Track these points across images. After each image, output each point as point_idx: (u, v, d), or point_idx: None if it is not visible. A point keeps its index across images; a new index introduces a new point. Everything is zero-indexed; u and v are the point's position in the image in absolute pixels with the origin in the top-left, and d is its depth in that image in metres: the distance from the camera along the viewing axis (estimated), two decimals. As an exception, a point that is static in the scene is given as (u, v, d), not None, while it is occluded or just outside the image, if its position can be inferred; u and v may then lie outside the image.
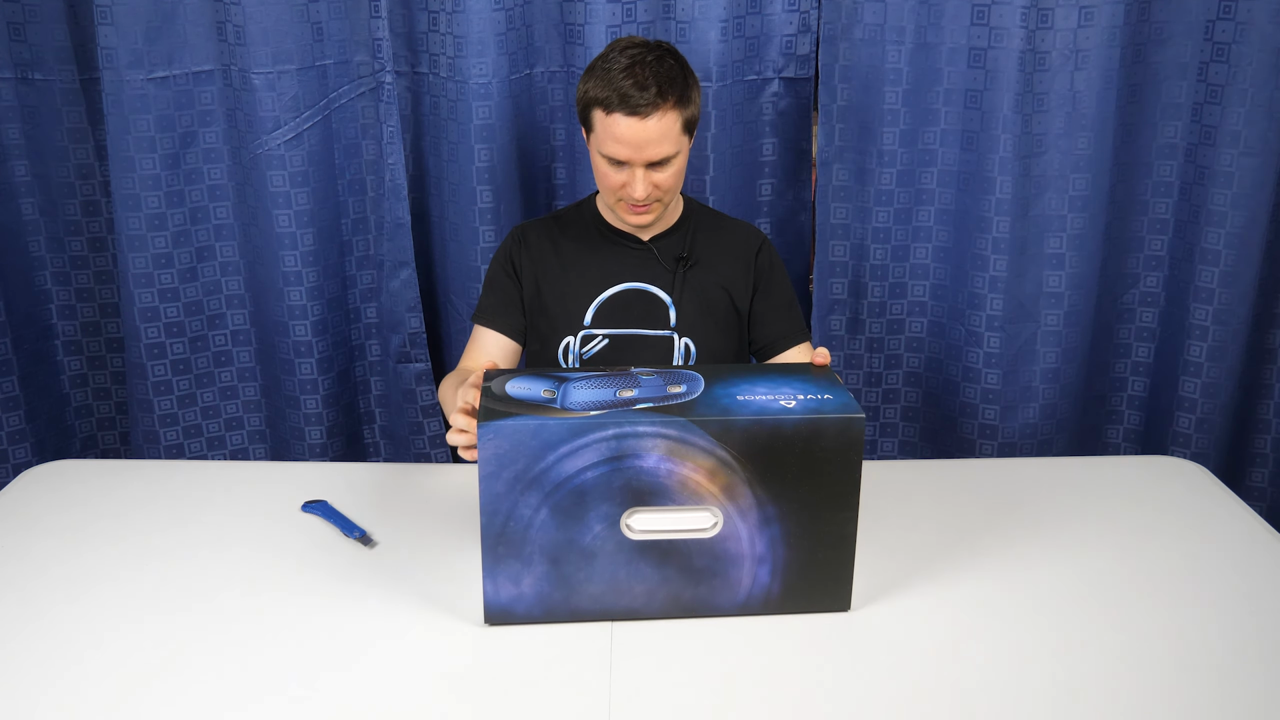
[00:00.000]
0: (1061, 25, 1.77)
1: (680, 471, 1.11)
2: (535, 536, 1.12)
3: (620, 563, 1.14)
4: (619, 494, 1.11)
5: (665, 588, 1.15)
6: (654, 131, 1.41)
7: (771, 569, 1.15)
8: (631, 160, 1.43)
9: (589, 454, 1.10)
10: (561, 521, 1.12)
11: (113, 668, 1.10)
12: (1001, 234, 1.87)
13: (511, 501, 1.11)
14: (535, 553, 1.13)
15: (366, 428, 2.16)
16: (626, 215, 1.50)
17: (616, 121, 1.41)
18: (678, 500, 1.12)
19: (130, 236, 1.92)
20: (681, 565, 1.14)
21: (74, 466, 1.56)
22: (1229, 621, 1.17)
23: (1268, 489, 2.05)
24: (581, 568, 1.14)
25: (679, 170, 1.48)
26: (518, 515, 1.12)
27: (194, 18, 1.84)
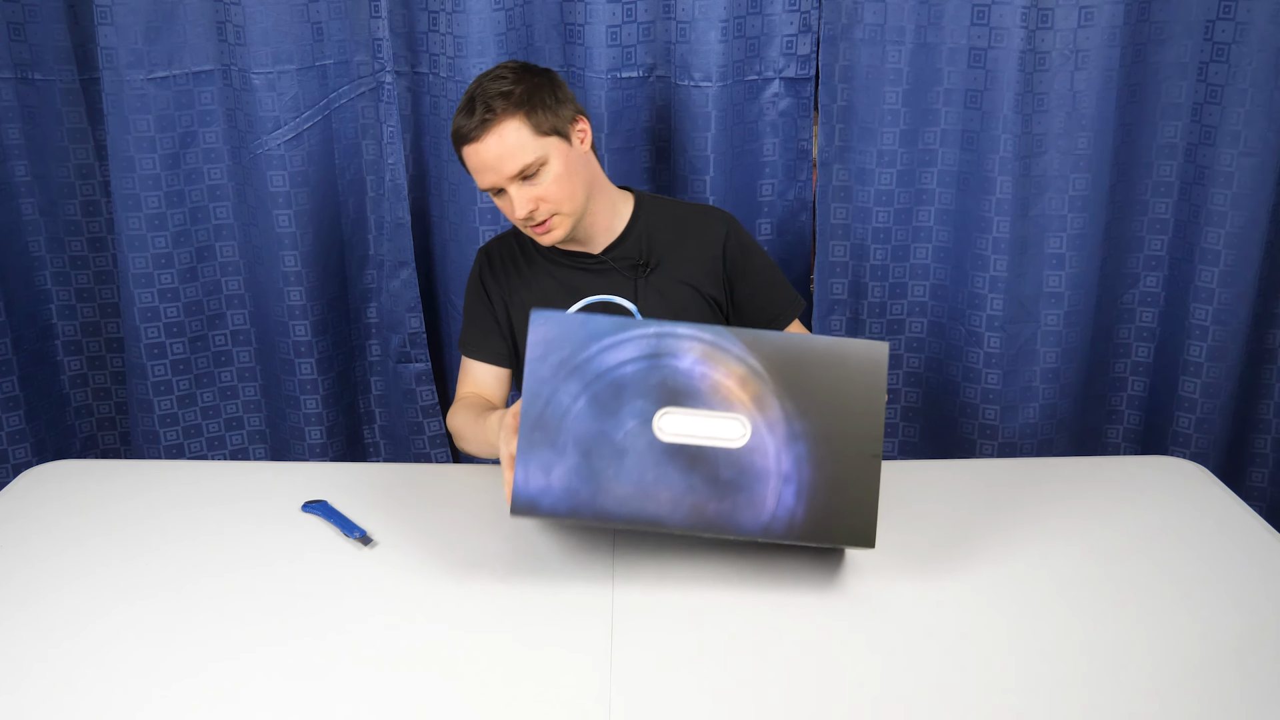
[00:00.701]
0: (1061, 25, 1.77)
1: (713, 375, 1.17)
2: (571, 425, 1.16)
3: (649, 464, 1.16)
4: (654, 391, 1.17)
5: (690, 497, 1.16)
6: (495, 147, 1.38)
7: (797, 490, 1.16)
8: (496, 182, 1.41)
9: (630, 348, 1.17)
10: (597, 413, 1.17)
11: (113, 667, 1.10)
12: (1001, 234, 1.87)
13: (553, 387, 1.17)
14: (569, 443, 1.16)
15: (366, 428, 2.16)
16: (539, 238, 1.47)
17: (467, 155, 1.42)
18: (709, 405, 1.16)
19: (130, 236, 1.92)
20: (708, 475, 1.16)
21: (74, 466, 1.55)
22: (1229, 621, 1.17)
23: (1268, 489, 2.05)
24: (611, 464, 1.16)
25: (560, 178, 1.41)
26: (557, 401, 1.17)
27: (194, 18, 1.84)
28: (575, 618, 1.18)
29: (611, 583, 1.24)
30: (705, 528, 1.16)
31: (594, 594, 1.22)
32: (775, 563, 1.28)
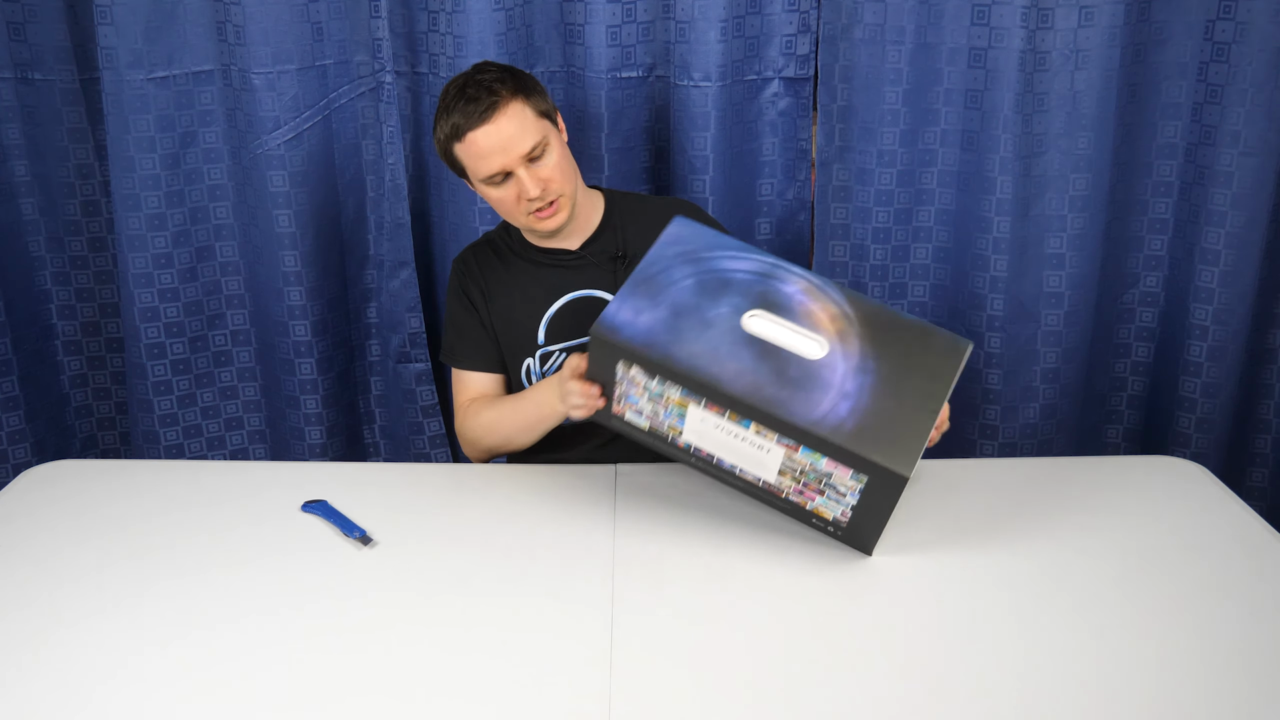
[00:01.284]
0: (1061, 25, 1.77)
1: (810, 305, 1.27)
2: (673, 293, 1.27)
3: (727, 341, 1.23)
4: (754, 296, 1.27)
5: (754, 376, 1.20)
6: (507, 127, 1.41)
7: (852, 407, 1.20)
8: (506, 165, 1.42)
9: (747, 264, 1.30)
10: (699, 293, 1.27)
11: (113, 667, 1.10)
12: (1001, 234, 1.87)
13: (669, 264, 1.29)
14: (665, 302, 1.25)
15: (366, 428, 2.16)
16: (540, 225, 1.48)
17: (472, 141, 1.42)
18: (798, 322, 1.26)
19: (130, 236, 1.92)
20: (777, 368, 1.21)
21: (74, 466, 1.55)
22: (1229, 621, 1.17)
23: (1268, 489, 2.05)
24: (695, 329, 1.23)
25: (561, 160, 1.46)
26: (668, 274, 1.28)
27: (194, 18, 1.84)
28: (575, 617, 1.18)
29: (611, 583, 1.24)
30: (759, 403, 1.19)
31: (594, 594, 1.22)
32: (775, 562, 1.28)
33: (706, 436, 1.25)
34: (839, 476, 1.20)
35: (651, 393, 1.25)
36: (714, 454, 1.27)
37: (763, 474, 1.25)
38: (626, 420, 1.30)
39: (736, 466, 1.26)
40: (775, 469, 1.24)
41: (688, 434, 1.26)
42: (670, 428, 1.27)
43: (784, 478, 1.24)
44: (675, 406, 1.24)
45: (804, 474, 1.22)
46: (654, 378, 1.23)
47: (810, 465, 1.21)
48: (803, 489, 1.24)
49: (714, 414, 1.22)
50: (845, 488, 1.21)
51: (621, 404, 1.29)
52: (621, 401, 1.28)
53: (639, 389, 1.25)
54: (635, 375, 1.24)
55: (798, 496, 1.26)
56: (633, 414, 1.29)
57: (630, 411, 1.29)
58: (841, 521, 1.26)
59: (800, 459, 1.21)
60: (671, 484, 1.46)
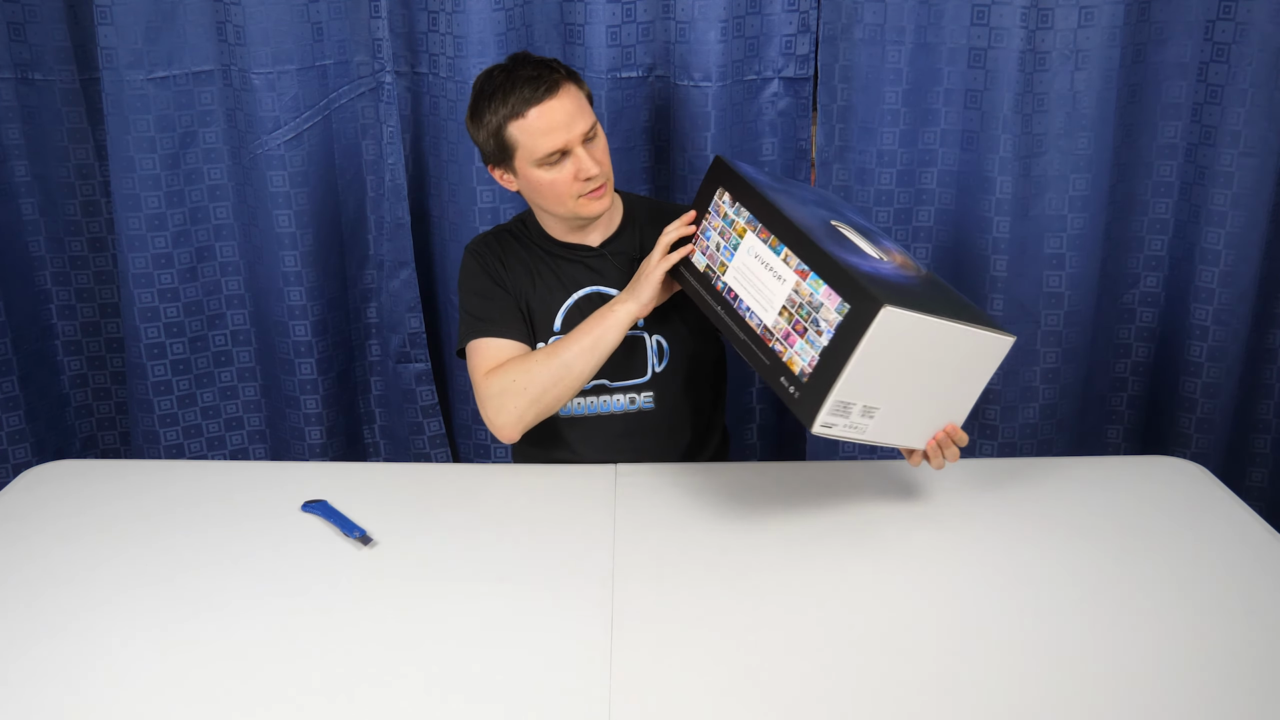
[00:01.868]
0: (1061, 25, 1.77)
1: (891, 248, 1.39)
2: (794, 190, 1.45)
3: (812, 216, 1.35)
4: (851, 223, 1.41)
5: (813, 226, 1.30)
6: (569, 104, 1.44)
7: (874, 269, 1.26)
8: (568, 142, 1.43)
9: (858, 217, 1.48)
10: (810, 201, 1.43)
11: (113, 666, 1.10)
12: (1001, 234, 1.87)
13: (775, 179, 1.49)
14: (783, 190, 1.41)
15: (366, 428, 2.16)
16: (588, 207, 1.48)
17: (533, 118, 1.43)
18: (874, 245, 1.35)
19: (130, 236, 1.92)
20: (837, 241, 1.30)
21: (74, 466, 1.55)
22: (1229, 621, 1.17)
23: (1268, 489, 2.05)
24: (792, 202, 1.36)
25: (605, 147, 1.50)
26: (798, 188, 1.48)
27: (194, 18, 1.84)
28: (575, 617, 1.18)
29: (611, 583, 1.24)
30: (802, 234, 1.26)
31: (594, 594, 1.22)
32: (775, 562, 1.28)
33: (743, 271, 1.33)
34: (827, 308, 1.22)
35: (725, 222, 1.37)
36: (739, 295, 1.33)
37: (765, 317, 1.29)
38: (692, 261, 1.41)
39: (749, 310, 1.31)
40: (778, 306, 1.28)
41: (730, 271, 1.35)
42: (720, 265, 1.37)
43: (781, 317, 1.27)
44: (735, 236, 1.35)
45: (799, 309, 1.25)
46: (735, 204, 1.35)
47: (809, 296, 1.24)
48: (789, 332, 1.26)
49: (761, 241, 1.31)
50: (826, 323, 1.22)
51: (697, 242, 1.41)
52: (698, 240, 1.41)
53: (718, 219, 1.38)
54: (723, 203, 1.37)
55: (782, 344, 1.27)
56: (699, 253, 1.40)
57: (700, 251, 1.40)
58: (805, 374, 1.24)
59: (805, 288, 1.25)
60: (672, 484, 1.46)
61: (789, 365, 1.25)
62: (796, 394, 1.24)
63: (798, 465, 1.67)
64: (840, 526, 1.36)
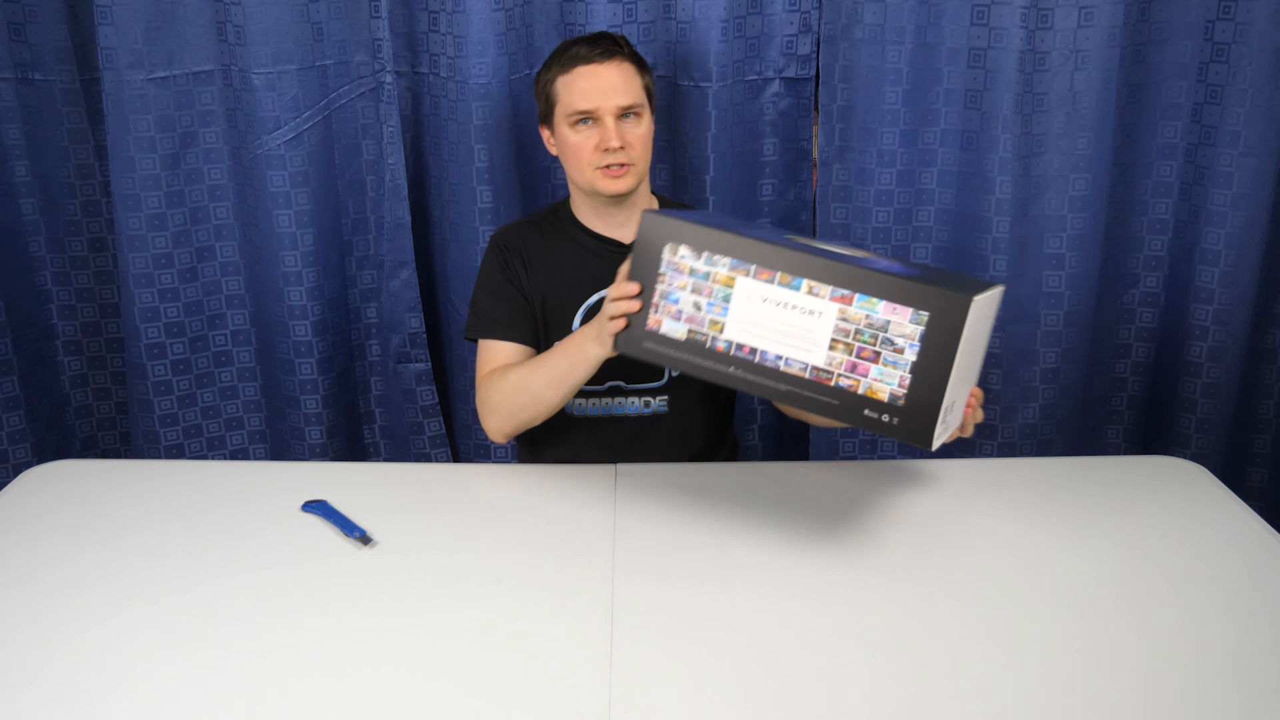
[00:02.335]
0: (1061, 25, 1.77)
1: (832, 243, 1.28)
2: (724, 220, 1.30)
3: (774, 235, 1.25)
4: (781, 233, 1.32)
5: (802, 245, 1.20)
6: (615, 75, 1.46)
7: (903, 267, 1.20)
8: (600, 108, 1.46)
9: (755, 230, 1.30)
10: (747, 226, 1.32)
11: (113, 667, 1.10)
12: (1001, 234, 1.87)
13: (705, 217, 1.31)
14: (715, 220, 1.27)
15: (366, 428, 2.16)
16: (605, 184, 1.49)
17: (578, 75, 1.47)
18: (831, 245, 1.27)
19: (130, 236, 1.92)
20: (825, 251, 1.20)
21: (74, 466, 1.55)
22: (1229, 621, 1.17)
23: (1268, 489, 2.05)
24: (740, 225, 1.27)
25: (647, 134, 1.50)
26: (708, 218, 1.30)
27: (194, 18, 1.84)
28: (575, 617, 1.18)
29: (611, 583, 1.24)
30: (810, 259, 1.16)
31: (594, 594, 1.22)
32: (775, 562, 1.28)
33: (751, 321, 1.18)
34: (896, 324, 1.13)
35: (697, 277, 1.20)
36: (757, 346, 1.19)
37: (810, 357, 1.17)
38: (662, 333, 1.23)
39: (782, 357, 1.18)
40: (826, 341, 1.16)
41: (730, 326, 1.19)
42: (711, 324, 1.20)
43: (835, 351, 1.16)
44: (720, 288, 1.18)
45: (858, 336, 1.15)
46: (701, 255, 1.19)
47: (865, 319, 1.14)
48: (855, 363, 1.16)
49: (763, 282, 1.17)
50: (903, 339, 1.13)
51: (660, 309, 1.22)
52: (660, 307, 1.22)
53: (683, 276, 1.20)
54: (682, 258, 1.20)
55: (849, 377, 1.16)
56: (670, 321, 1.22)
57: (668, 318, 1.22)
58: (898, 399, 1.15)
59: (854, 313, 1.14)
60: (672, 484, 1.46)
61: (872, 395, 1.16)
62: (896, 420, 1.16)
63: (798, 465, 1.67)
64: (840, 526, 1.36)
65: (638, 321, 1.24)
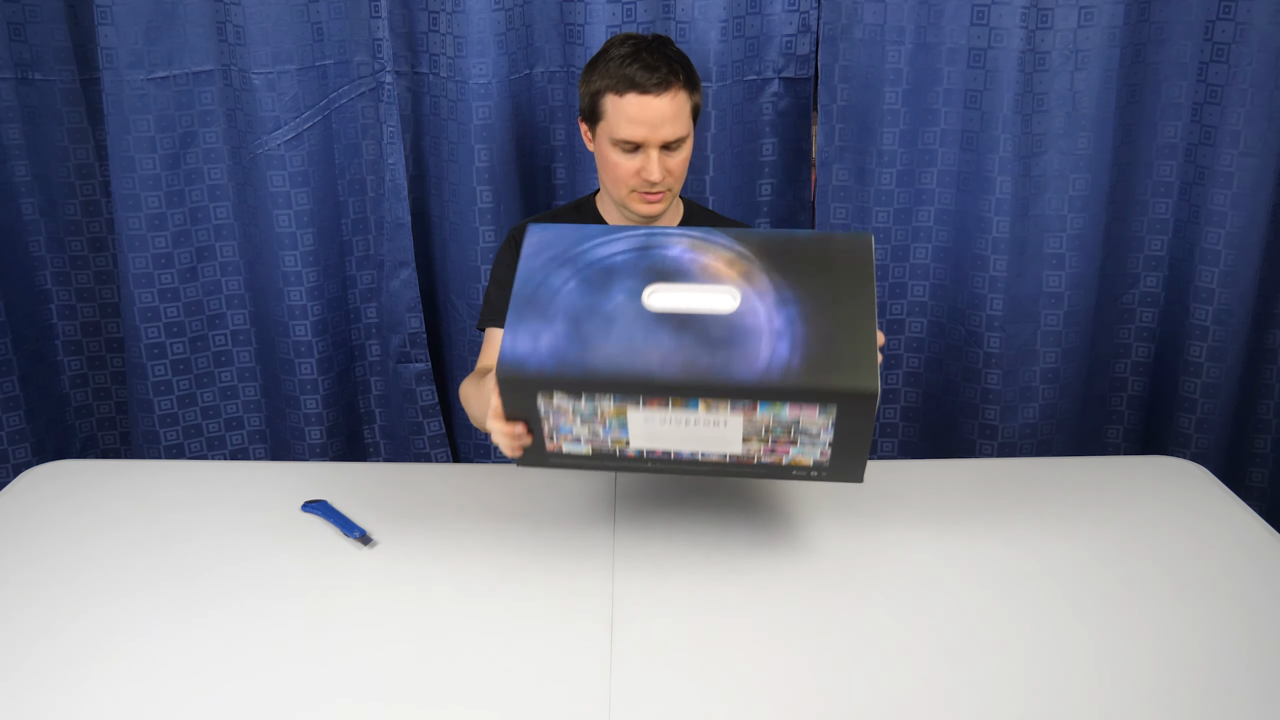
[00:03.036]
0: (1061, 25, 1.77)
1: (702, 259, 1.18)
2: (561, 301, 1.16)
3: (639, 329, 1.14)
4: (643, 273, 1.17)
5: (682, 353, 1.12)
6: (668, 109, 1.43)
7: (791, 343, 1.12)
8: (647, 140, 1.44)
9: (621, 244, 1.20)
10: (587, 291, 1.17)
11: (113, 667, 1.10)
12: (1001, 234, 1.87)
13: (544, 274, 1.18)
14: (558, 314, 1.15)
15: (366, 428, 2.16)
16: (638, 206, 1.49)
17: (630, 102, 1.43)
18: (699, 281, 1.16)
19: (130, 236, 1.92)
20: (699, 334, 1.13)
21: (74, 466, 1.55)
22: (1229, 621, 1.17)
23: (1268, 489, 2.05)
24: (600, 330, 1.14)
25: (687, 158, 1.49)
26: (548, 284, 1.18)
27: (194, 18, 1.84)
28: (575, 617, 1.18)
29: (611, 582, 1.24)
30: (699, 379, 1.10)
31: (594, 593, 1.22)
32: (775, 562, 1.28)
33: (656, 436, 1.15)
34: (807, 418, 1.11)
35: (583, 415, 1.14)
36: (670, 450, 1.17)
37: (727, 449, 1.16)
38: (565, 453, 1.20)
39: (697, 453, 1.17)
40: (739, 439, 1.14)
41: (635, 441, 1.16)
42: (615, 442, 1.17)
43: (750, 443, 1.15)
44: (613, 418, 1.14)
45: (770, 431, 1.13)
46: (580, 398, 1.12)
47: (774, 419, 1.12)
48: (773, 448, 1.15)
49: (657, 409, 1.12)
50: (816, 427, 1.11)
51: (555, 438, 1.18)
52: (554, 436, 1.17)
53: (568, 416, 1.15)
54: (560, 403, 1.14)
55: (770, 457, 1.16)
56: (570, 444, 1.18)
57: (567, 443, 1.18)
58: (823, 463, 1.16)
59: (761, 417, 1.11)
60: (672, 484, 1.46)
61: (797, 463, 1.17)
62: (825, 474, 1.18)
63: (798, 465, 1.67)
64: (841, 526, 1.36)
65: (537, 443, 1.20)
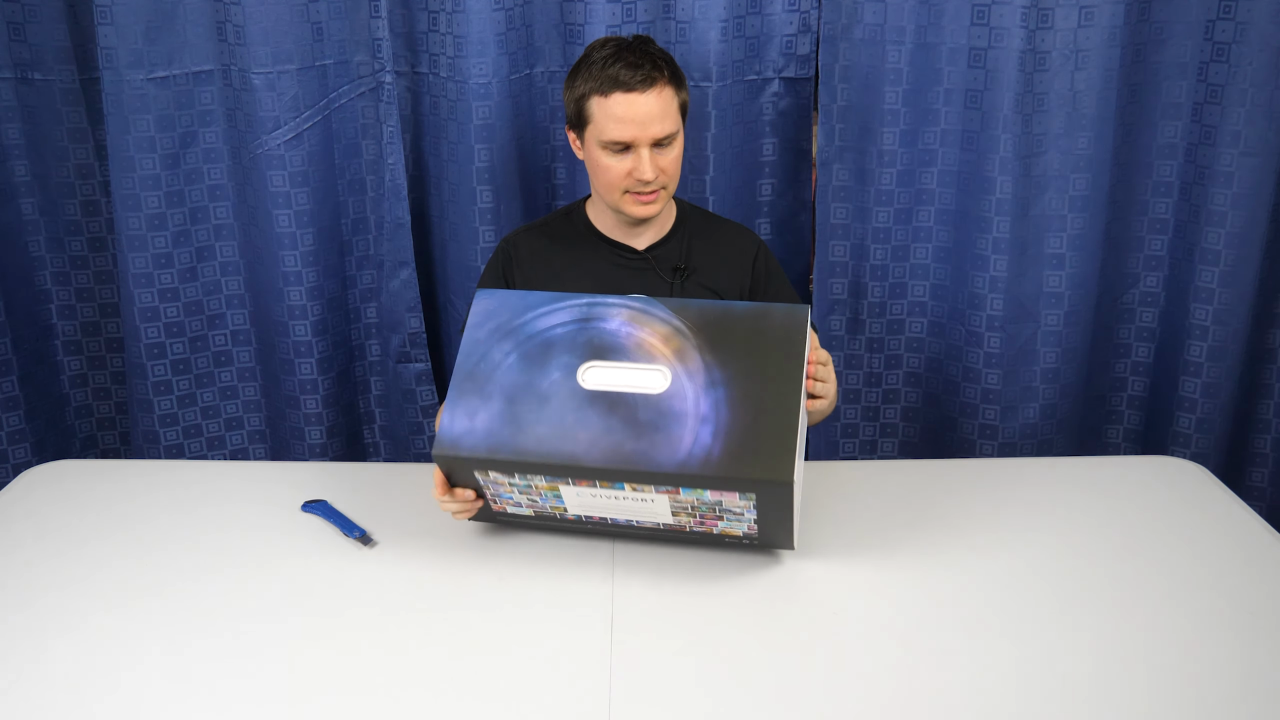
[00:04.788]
0: (1061, 25, 1.77)
1: (638, 334, 1.22)
2: (500, 377, 1.23)
3: (570, 409, 1.19)
4: (581, 348, 1.22)
5: (608, 437, 1.17)
6: (654, 106, 1.42)
7: (714, 430, 1.16)
8: (636, 139, 1.43)
9: (562, 314, 1.25)
10: (526, 366, 1.23)
11: (112, 667, 1.10)
12: (1001, 234, 1.87)
13: (487, 347, 1.25)
14: (496, 391, 1.22)
15: (366, 428, 2.16)
16: (634, 209, 1.48)
17: (616, 102, 1.42)
18: (633, 359, 1.21)
19: (130, 236, 1.92)
20: (627, 417, 1.18)
21: (74, 466, 1.55)
22: (1229, 621, 1.17)
23: (1268, 489, 2.05)
24: (534, 409, 1.20)
25: (679, 156, 1.48)
26: (489, 358, 1.24)
27: (194, 18, 1.84)
28: (575, 618, 1.18)
29: (611, 583, 1.24)
30: (622, 464, 1.15)
31: (594, 594, 1.22)
32: (776, 563, 1.28)
33: (590, 506, 1.23)
34: (729, 501, 1.17)
35: (519, 487, 1.23)
36: (606, 516, 1.25)
37: (659, 519, 1.23)
38: (510, 514, 1.29)
39: (632, 520, 1.24)
40: (667, 512, 1.21)
41: (572, 509, 1.25)
42: (554, 508, 1.25)
43: (679, 517, 1.22)
44: (547, 491, 1.22)
45: (696, 509, 1.20)
46: (514, 475, 1.20)
47: (698, 500, 1.18)
48: (702, 521, 1.22)
49: (585, 487, 1.19)
50: (739, 508, 1.18)
51: (499, 501, 1.27)
52: (498, 500, 1.27)
53: (506, 486, 1.23)
54: (496, 477, 1.22)
55: (700, 528, 1.24)
56: (513, 508, 1.28)
57: (510, 506, 1.27)
58: (751, 534, 1.23)
59: (685, 498, 1.18)
60: (671, 484, 1.46)
61: (726, 534, 1.24)
62: (756, 542, 1.25)
63: (798, 465, 1.67)
64: (840, 526, 1.36)
65: (485, 505, 1.28)
